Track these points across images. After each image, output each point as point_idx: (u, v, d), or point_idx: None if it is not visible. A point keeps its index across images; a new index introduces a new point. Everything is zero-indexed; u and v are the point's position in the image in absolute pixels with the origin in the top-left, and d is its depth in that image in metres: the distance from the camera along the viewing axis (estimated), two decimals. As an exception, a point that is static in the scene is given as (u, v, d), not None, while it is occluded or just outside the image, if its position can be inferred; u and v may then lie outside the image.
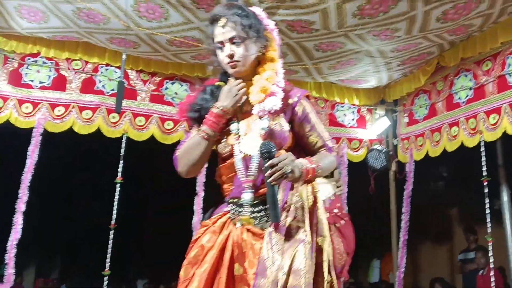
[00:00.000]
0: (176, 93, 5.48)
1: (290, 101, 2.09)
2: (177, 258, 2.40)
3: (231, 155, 2.07)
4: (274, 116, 2.03)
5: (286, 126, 2.06)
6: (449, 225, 8.45)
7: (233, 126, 2.09)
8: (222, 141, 2.10)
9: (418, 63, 5.38)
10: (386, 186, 6.08)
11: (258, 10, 2.16)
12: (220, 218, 2.11)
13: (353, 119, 6.19)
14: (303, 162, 1.94)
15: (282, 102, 2.03)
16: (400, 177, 5.95)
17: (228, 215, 2.09)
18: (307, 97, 2.17)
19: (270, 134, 2.01)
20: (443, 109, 5.33)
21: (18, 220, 4.66)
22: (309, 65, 5.33)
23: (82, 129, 5.09)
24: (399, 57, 5.16)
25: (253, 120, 2.07)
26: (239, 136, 2.06)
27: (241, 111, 2.11)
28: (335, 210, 2.67)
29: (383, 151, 5.92)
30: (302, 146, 2.14)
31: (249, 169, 2.02)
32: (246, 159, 2.03)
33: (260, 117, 2.03)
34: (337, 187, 2.66)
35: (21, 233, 4.64)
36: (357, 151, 6.11)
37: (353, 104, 6.17)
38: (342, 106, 6.17)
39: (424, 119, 5.66)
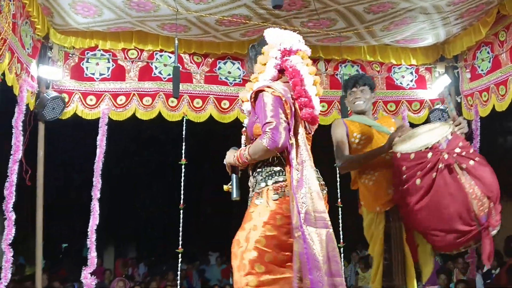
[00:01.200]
0: (229, 72, 5.55)
1: None
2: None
3: None
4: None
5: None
6: (523, 180, 8.10)
7: None
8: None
9: (477, 15, 5.11)
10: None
11: None
12: None
13: (411, 80, 6.01)
14: (235, 153, 2.49)
15: None
16: (466, 136, 5.73)
17: None
18: (264, 90, 2.43)
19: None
20: (507, 60, 5.05)
21: (95, 207, 4.95)
22: (361, 29, 5.21)
23: (144, 115, 5.29)
24: (456, 11, 4.92)
25: None
26: None
27: None
28: (457, 150, 2.62)
29: (446, 110, 5.72)
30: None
31: None
32: None
33: None
34: (456, 125, 2.70)
35: (99, 218, 4.93)
36: (418, 112, 5.94)
37: (411, 65, 5.97)
38: (399, 68, 5.99)
39: (487, 73, 5.40)
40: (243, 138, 2.59)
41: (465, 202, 2.63)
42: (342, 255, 5.92)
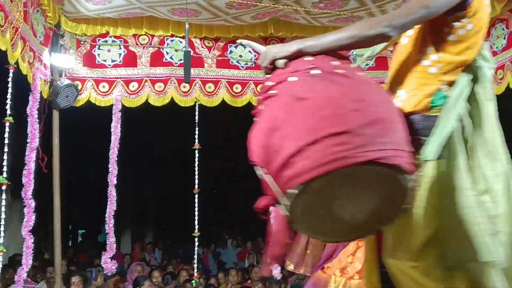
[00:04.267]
0: (240, 56, 5.52)
1: None
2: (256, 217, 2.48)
3: None
4: None
5: None
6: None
7: None
8: None
9: (492, -9, 5.02)
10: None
11: None
12: None
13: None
14: None
15: None
16: (481, 114, 5.67)
17: None
18: None
19: None
20: (523, 37, 4.96)
21: (112, 193, 5.01)
22: (374, 8, 5.13)
23: (157, 101, 5.31)
24: (470, -13, 4.84)
25: None
26: None
27: None
28: None
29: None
30: None
31: None
32: None
33: None
34: None
35: (116, 204, 5.00)
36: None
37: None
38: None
39: (502, 50, 5.30)
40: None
41: None
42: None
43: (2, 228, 4.03)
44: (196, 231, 5.29)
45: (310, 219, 1.60)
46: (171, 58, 5.39)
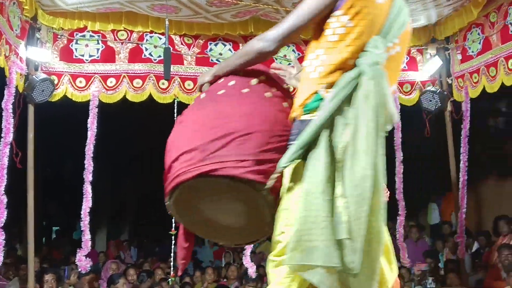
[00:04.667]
0: (220, 54, 5.50)
1: None
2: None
3: None
4: None
5: None
6: (512, 161, 8.19)
7: None
8: None
9: (469, -4, 5.11)
10: (442, 127, 5.92)
11: None
12: None
13: (402, 62, 5.99)
14: None
15: None
16: (457, 117, 5.77)
17: None
18: None
19: None
20: (498, 42, 5.06)
21: (88, 189, 4.95)
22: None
23: (135, 97, 5.26)
24: (448, -9, 4.92)
25: None
26: None
27: None
28: None
29: (437, 91, 5.74)
30: None
31: None
32: None
33: None
34: None
35: (91, 201, 4.94)
36: (409, 94, 5.95)
37: (402, 46, 5.95)
38: (391, 49, 5.97)
39: (478, 55, 5.41)
40: None
41: None
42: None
43: (-27, 224, 3.95)
44: (172, 229, 5.26)
45: (193, 224, 1.86)
46: (150, 54, 5.34)
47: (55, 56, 5.11)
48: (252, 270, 5.56)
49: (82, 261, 4.86)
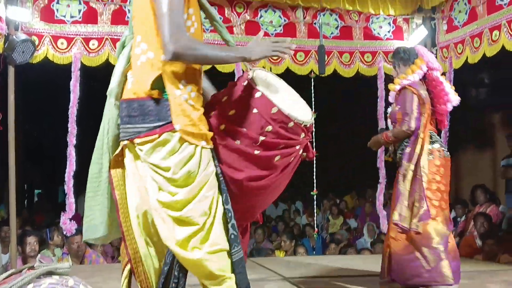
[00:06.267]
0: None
1: None
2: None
3: None
4: None
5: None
6: (492, 132, 8.33)
7: None
8: None
9: (457, -35, 5.08)
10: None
11: None
12: None
13: (389, 31, 5.98)
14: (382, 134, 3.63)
15: None
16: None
17: None
18: (407, 87, 3.50)
19: None
20: (484, 12, 5.07)
21: (72, 153, 4.92)
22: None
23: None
24: (436, -40, 4.88)
25: None
26: None
27: None
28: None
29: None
30: None
31: None
32: None
33: None
34: None
35: (75, 165, 4.91)
36: (394, 63, 5.95)
37: (389, 15, 5.92)
38: (377, 18, 5.95)
39: (463, 25, 5.42)
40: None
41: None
42: (314, 202, 6.11)
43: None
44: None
45: None
46: (133, 16, 5.23)
47: (35, 16, 4.98)
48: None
49: (67, 224, 4.87)
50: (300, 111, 2.16)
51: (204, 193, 1.93)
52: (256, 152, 2.04)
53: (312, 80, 5.68)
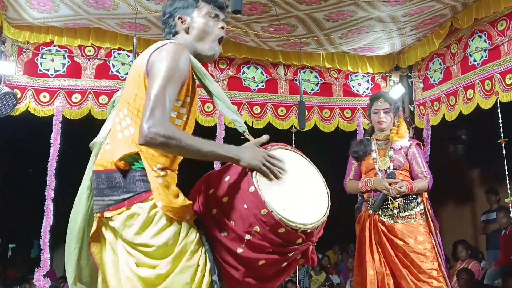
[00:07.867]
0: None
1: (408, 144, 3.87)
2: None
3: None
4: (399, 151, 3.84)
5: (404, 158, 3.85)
6: (470, 187, 8.42)
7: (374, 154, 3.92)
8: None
9: (431, 27, 5.30)
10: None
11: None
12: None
13: (367, 88, 6.16)
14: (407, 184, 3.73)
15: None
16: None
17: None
18: (418, 145, 3.92)
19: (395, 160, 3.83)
20: (458, 72, 5.26)
21: (49, 206, 4.81)
22: (320, 36, 5.30)
23: (100, 114, 5.18)
24: (411, 22, 5.10)
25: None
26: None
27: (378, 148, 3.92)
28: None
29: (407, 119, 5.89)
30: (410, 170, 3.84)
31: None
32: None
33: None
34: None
35: (52, 219, 4.79)
36: (373, 119, 6.07)
37: (367, 73, 6.12)
38: (356, 76, 6.13)
39: (439, 84, 5.61)
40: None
41: None
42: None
43: None
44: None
45: None
46: (117, 71, 5.30)
47: (19, 70, 5.01)
48: None
49: (40, 281, 4.69)
50: (305, 212, 1.88)
51: (184, 263, 1.78)
52: (239, 250, 1.83)
53: (293, 134, 5.75)
